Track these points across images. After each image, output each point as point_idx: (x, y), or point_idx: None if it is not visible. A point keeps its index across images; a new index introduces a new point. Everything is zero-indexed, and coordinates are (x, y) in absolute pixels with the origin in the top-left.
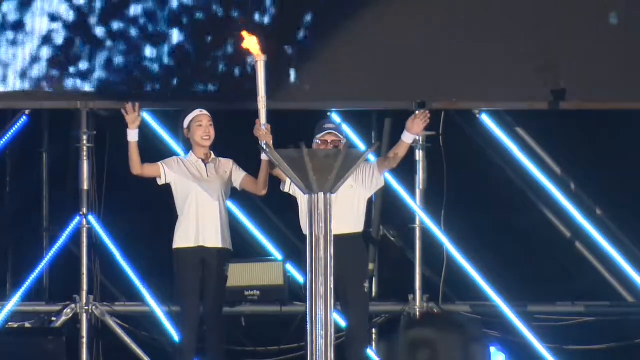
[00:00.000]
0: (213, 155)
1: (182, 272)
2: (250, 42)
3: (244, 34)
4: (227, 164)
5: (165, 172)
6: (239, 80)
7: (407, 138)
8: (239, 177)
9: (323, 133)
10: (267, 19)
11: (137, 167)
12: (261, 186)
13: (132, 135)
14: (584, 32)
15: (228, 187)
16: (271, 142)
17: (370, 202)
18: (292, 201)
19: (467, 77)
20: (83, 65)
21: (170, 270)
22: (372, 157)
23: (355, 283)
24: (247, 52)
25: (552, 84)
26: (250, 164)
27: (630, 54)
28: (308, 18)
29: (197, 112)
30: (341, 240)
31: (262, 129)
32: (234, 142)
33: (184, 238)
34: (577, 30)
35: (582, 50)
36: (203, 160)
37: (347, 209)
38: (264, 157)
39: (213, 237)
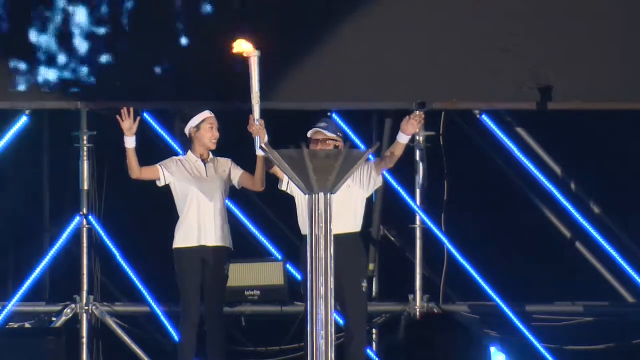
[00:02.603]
0: (211, 155)
1: (183, 272)
2: (241, 44)
3: (236, 42)
4: (225, 163)
5: (164, 174)
6: (238, 80)
7: (402, 139)
8: (237, 174)
9: (312, 131)
10: (267, 19)
11: (136, 171)
12: (258, 182)
13: (129, 142)
14: (583, 32)
15: (227, 186)
16: (265, 137)
17: (370, 201)
18: (291, 200)
19: (467, 77)
20: (83, 65)
21: (171, 270)
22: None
23: (353, 282)
24: (242, 55)
25: (551, 83)
26: (245, 163)
27: (631, 54)
28: (308, 18)
29: (207, 113)
30: (339, 240)
31: (256, 124)
32: (229, 142)
33: (184, 238)
34: (577, 30)
35: (582, 50)
36: (203, 160)
37: (344, 208)
38: (259, 152)
39: (214, 236)
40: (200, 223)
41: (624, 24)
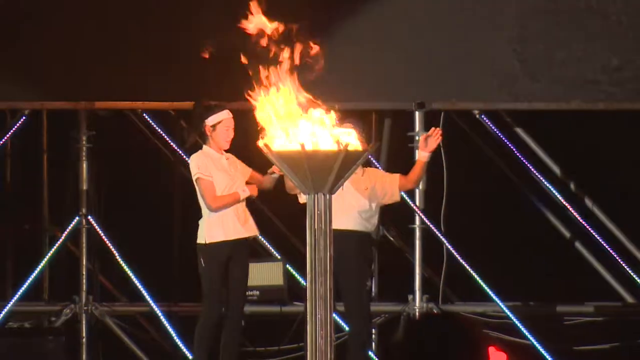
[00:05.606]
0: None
1: (217, 267)
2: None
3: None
4: (235, 159)
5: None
6: (239, 80)
7: (423, 157)
8: (247, 172)
9: None
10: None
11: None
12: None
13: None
14: (584, 32)
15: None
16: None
17: None
18: (291, 200)
19: (467, 77)
20: (84, 65)
21: (170, 271)
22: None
23: (357, 283)
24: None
25: (553, 83)
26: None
27: (631, 54)
28: (307, 17)
29: (225, 114)
30: (346, 236)
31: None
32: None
33: (220, 232)
34: (578, 30)
35: (582, 50)
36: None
37: (356, 208)
38: (245, 193)
39: (251, 227)
40: (237, 216)
41: (623, 25)
